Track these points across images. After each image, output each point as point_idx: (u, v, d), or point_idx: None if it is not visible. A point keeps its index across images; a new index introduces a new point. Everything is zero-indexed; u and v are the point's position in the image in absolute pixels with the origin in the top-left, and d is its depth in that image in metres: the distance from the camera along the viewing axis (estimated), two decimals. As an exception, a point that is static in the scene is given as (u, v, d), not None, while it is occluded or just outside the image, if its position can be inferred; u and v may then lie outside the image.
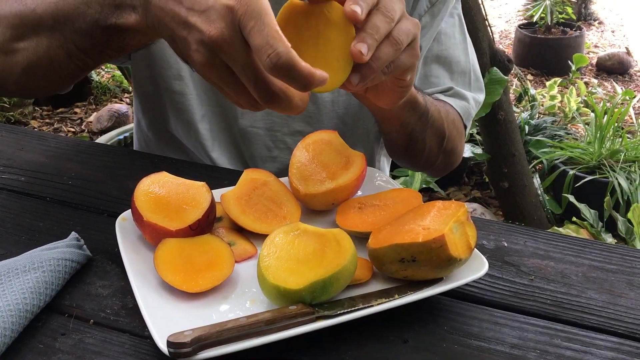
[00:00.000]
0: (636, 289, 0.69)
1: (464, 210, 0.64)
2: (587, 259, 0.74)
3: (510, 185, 2.56)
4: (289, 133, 1.01)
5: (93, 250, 0.71)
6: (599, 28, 5.92)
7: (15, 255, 0.68)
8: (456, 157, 1.05)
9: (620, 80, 4.68)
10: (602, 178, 2.64)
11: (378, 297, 0.62)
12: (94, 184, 0.86)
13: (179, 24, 0.58)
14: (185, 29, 0.57)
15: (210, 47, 0.56)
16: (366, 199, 0.77)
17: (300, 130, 1.01)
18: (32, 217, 0.78)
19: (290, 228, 0.65)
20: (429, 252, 0.60)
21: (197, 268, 0.64)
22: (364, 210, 0.75)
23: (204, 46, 0.56)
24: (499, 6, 6.61)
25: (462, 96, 1.04)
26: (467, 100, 1.04)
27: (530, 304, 0.67)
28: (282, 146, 1.02)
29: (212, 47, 0.56)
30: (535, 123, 3.22)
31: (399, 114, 0.84)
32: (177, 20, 0.58)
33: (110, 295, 0.65)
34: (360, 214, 0.74)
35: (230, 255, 0.66)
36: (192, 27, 0.57)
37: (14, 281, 0.62)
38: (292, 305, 0.59)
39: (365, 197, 0.77)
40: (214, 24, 0.55)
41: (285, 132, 1.01)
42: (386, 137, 0.97)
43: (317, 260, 0.62)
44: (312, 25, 0.63)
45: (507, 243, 0.77)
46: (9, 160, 0.91)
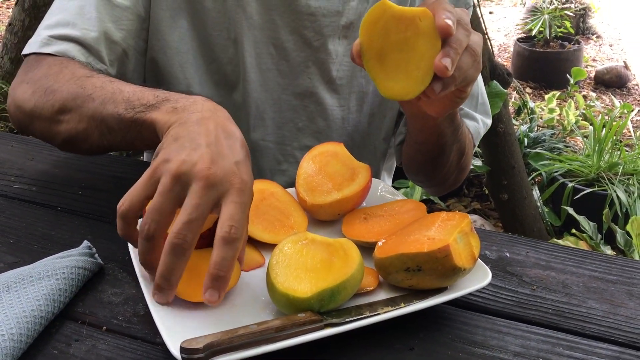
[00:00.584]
0: (635, 299, 0.71)
1: (468, 221, 0.65)
2: (587, 270, 0.76)
3: (510, 198, 2.58)
4: (298, 147, 1.03)
5: (104, 259, 0.72)
6: (597, 42, 5.97)
7: (28, 263, 0.69)
8: (465, 174, 1.08)
9: (618, 94, 4.72)
10: (600, 190, 2.66)
11: (384, 306, 0.63)
12: (103, 193, 0.88)
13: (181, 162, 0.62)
14: (184, 165, 0.61)
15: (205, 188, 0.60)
16: (371, 209, 0.78)
17: (310, 145, 1.03)
18: (44, 226, 0.79)
19: (299, 237, 0.67)
20: (434, 261, 0.62)
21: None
22: (369, 220, 0.77)
23: (201, 188, 0.60)
24: (497, 20, 6.67)
25: (472, 117, 1.06)
26: (476, 121, 1.07)
27: (533, 313, 0.68)
28: (292, 160, 1.04)
29: (207, 185, 0.60)
30: (534, 136, 3.24)
31: (441, 123, 0.87)
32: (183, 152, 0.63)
33: (122, 303, 0.66)
34: (365, 224, 0.76)
35: (237, 268, 0.67)
36: (191, 173, 0.61)
37: (29, 288, 0.63)
38: (301, 313, 0.61)
39: (371, 207, 0.79)
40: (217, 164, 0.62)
41: (295, 147, 1.03)
42: (418, 148, 0.98)
43: (325, 269, 0.63)
44: (402, 30, 0.65)
45: (509, 254, 0.79)
46: (20, 170, 0.93)
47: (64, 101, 0.81)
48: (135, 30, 0.94)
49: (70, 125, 0.81)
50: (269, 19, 0.96)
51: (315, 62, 0.99)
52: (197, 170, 0.60)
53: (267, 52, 0.98)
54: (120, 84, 0.79)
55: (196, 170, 0.60)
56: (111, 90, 0.78)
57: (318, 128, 1.03)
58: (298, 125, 1.02)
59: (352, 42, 0.99)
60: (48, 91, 0.83)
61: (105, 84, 0.80)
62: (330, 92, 1.02)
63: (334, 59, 1.00)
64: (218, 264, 0.58)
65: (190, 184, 0.60)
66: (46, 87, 0.84)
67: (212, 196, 0.60)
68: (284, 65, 0.99)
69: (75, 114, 0.80)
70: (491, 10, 7.06)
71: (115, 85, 0.79)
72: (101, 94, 0.78)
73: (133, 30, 0.93)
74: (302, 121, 1.02)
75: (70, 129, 0.81)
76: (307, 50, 0.99)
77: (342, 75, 1.01)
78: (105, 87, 0.79)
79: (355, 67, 1.02)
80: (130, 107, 0.74)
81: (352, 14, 0.99)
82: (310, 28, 0.97)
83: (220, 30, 0.96)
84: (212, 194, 0.60)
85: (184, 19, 0.96)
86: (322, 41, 0.98)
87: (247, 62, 0.97)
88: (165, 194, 0.60)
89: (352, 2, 0.98)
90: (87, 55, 0.89)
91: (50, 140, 0.87)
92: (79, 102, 0.79)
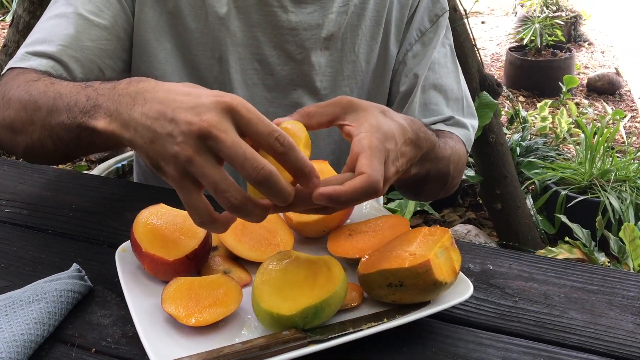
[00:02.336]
0: (616, 309, 0.72)
1: (449, 235, 0.67)
2: (569, 280, 0.77)
3: (504, 207, 2.59)
4: None
5: (94, 281, 0.73)
6: (589, 49, 6.02)
7: (18, 286, 0.70)
8: (457, 183, 1.07)
9: (610, 100, 4.75)
10: (593, 198, 2.67)
11: (368, 321, 0.65)
12: (93, 215, 0.89)
13: (164, 121, 0.58)
14: (172, 124, 0.58)
15: (199, 136, 0.56)
16: (356, 225, 0.80)
17: None
18: (35, 250, 0.80)
19: (283, 255, 0.69)
20: (416, 276, 0.63)
21: (202, 305, 0.66)
22: (354, 236, 0.78)
23: (191, 136, 0.56)
24: (490, 29, 6.71)
25: (462, 124, 1.07)
26: (466, 128, 1.08)
27: (515, 325, 0.69)
28: None
29: (201, 135, 0.56)
30: (526, 144, 3.27)
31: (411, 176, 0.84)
32: (162, 118, 0.59)
33: (111, 324, 0.67)
34: (350, 241, 0.77)
35: (237, 292, 0.68)
36: (179, 121, 0.57)
37: (19, 312, 0.65)
38: (285, 331, 0.62)
39: (355, 224, 0.80)
40: (205, 114, 0.56)
41: None
42: (397, 184, 0.98)
43: (309, 286, 0.65)
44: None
45: (493, 266, 0.80)
46: (11, 194, 0.94)
47: (16, 111, 0.81)
48: (113, 50, 0.96)
49: (26, 135, 0.81)
50: (251, 35, 0.99)
51: (299, 74, 1.02)
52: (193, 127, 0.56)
53: (252, 67, 1.00)
54: (60, 86, 0.77)
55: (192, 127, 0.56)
56: (52, 95, 0.76)
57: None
58: None
59: (334, 53, 1.02)
60: (4, 100, 0.84)
61: (47, 87, 0.78)
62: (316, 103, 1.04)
63: (317, 70, 1.02)
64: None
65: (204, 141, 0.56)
66: (2, 96, 0.85)
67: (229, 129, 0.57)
68: (270, 80, 1.02)
69: (27, 125, 0.80)
70: (483, 19, 7.12)
71: (56, 88, 0.77)
72: (45, 101, 0.76)
73: (111, 50, 0.95)
74: None
75: (26, 140, 0.81)
76: (290, 64, 1.01)
77: (326, 86, 1.04)
78: (47, 91, 0.77)
79: (338, 77, 1.04)
80: (71, 115, 0.72)
81: (331, 26, 1.01)
82: (292, 42, 1.00)
83: (205, 49, 0.98)
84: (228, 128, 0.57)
85: (168, 41, 0.98)
86: (305, 54, 1.01)
87: (233, 79, 0.99)
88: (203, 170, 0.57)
89: (330, 15, 1.01)
90: (60, 72, 0.90)
91: (13, 150, 0.87)
92: (29, 112, 0.79)
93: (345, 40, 1.03)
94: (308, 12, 1.00)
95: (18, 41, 3.02)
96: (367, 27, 1.04)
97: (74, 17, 0.93)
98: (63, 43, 0.91)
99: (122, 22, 0.96)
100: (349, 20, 1.03)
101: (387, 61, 1.08)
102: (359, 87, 1.07)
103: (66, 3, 0.95)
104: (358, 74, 1.06)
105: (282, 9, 0.98)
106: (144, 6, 0.96)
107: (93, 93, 0.70)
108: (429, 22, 1.08)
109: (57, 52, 0.91)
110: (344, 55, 1.04)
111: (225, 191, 0.56)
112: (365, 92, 1.08)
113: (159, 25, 0.97)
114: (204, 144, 0.56)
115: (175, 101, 0.59)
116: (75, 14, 0.93)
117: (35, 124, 0.78)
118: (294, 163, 0.58)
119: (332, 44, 1.03)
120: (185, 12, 0.97)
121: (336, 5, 1.01)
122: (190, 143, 0.56)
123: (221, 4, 0.97)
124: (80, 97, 0.71)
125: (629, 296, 0.75)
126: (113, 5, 0.95)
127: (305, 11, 1.00)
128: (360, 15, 1.03)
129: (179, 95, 0.60)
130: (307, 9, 1.00)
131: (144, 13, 0.96)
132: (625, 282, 0.77)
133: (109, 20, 0.94)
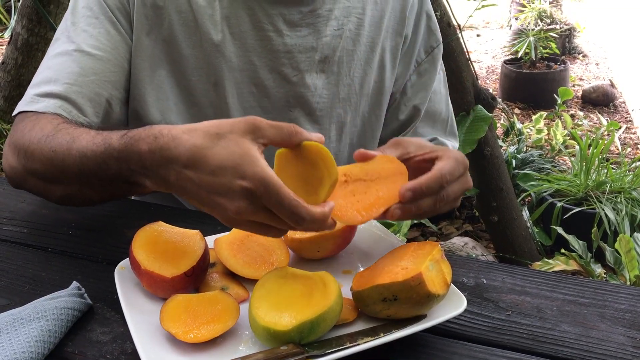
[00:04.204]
0: (607, 321, 0.74)
1: (438, 249, 0.68)
2: (561, 294, 0.79)
3: (500, 219, 2.61)
4: None
5: (93, 298, 0.74)
6: (584, 61, 6.07)
7: (19, 304, 0.71)
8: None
9: (605, 112, 4.79)
10: (589, 209, 2.69)
11: (364, 336, 0.66)
12: (92, 233, 0.90)
13: (203, 203, 0.67)
14: (210, 209, 0.67)
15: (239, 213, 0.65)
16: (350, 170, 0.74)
17: None
18: (35, 268, 0.82)
19: (280, 272, 0.70)
20: (409, 289, 0.65)
21: (200, 321, 0.67)
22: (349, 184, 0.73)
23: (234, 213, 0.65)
24: (485, 42, 6.77)
25: (445, 145, 1.16)
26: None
27: (507, 339, 0.71)
28: None
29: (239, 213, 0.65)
30: (522, 157, 3.28)
31: None
32: (200, 201, 0.67)
33: (111, 341, 0.68)
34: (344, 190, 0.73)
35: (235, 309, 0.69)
36: (216, 207, 0.66)
37: (20, 330, 0.66)
38: (283, 346, 0.63)
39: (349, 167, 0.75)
40: (236, 201, 0.64)
41: None
42: None
43: (305, 302, 0.66)
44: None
45: (486, 280, 0.81)
46: (11, 212, 0.95)
47: (44, 166, 0.83)
48: (118, 82, 0.97)
49: (59, 190, 0.84)
50: (247, 60, 1.00)
51: (295, 96, 1.04)
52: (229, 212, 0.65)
53: (248, 91, 1.02)
54: (80, 141, 0.78)
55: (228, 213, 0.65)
56: (78, 156, 0.78)
57: None
58: None
59: (330, 76, 1.05)
60: (27, 153, 0.85)
61: (70, 145, 0.79)
62: (312, 124, 1.06)
63: (313, 91, 1.04)
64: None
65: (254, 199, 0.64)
66: (21, 147, 0.86)
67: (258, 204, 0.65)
68: (266, 102, 1.03)
69: (61, 183, 0.83)
70: (479, 33, 7.17)
71: (78, 147, 0.78)
72: (73, 162, 0.78)
73: (116, 82, 0.97)
74: None
75: (63, 189, 0.84)
76: (286, 86, 1.03)
77: (322, 107, 1.06)
78: (71, 151, 0.79)
79: (334, 99, 1.07)
80: (105, 177, 0.76)
81: (326, 49, 1.04)
82: (287, 65, 1.02)
83: (200, 75, 1.00)
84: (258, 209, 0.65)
85: (163, 68, 1.00)
86: (300, 76, 1.03)
87: (229, 102, 1.01)
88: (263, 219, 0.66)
89: (325, 38, 1.03)
90: (70, 110, 0.91)
91: (47, 197, 0.88)
92: (59, 170, 0.81)
93: (341, 64, 1.06)
94: (302, 35, 1.02)
95: (16, 58, 3.04)
96: (362, 52, 1.07)
97: (77, 54, 0.94)
98: (69, 81, 0.93)
99: (124, 52, 0.98)
100: (344, 44, 1.05)
101: (383, 86, 1.12)
102: (353, 110, 1.10)
103: (68, 41, 0.96)
104: (352, 97, 1.09)
105: (276, 33, 1.01)
106: (140, 34, 0.98)
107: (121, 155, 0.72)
108: (425, 53, 1.15)
109: (65, 91, 0.92)
110: (340, 79, 1.07)
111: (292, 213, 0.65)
112: (360, 115, 1.11)
113: (154, 53, 0.99)
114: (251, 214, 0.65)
115: (207, 184, 0.65)
116: (77, 51, 0.95)
117: (71, 183, 0.82)
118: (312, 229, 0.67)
119: (328, 67, 1.05)
120: (180, 38, 0.99)
121: (330, 29, 1.04)
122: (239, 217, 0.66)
123: (216, 31, 0.99)
124: (109, 160, 0.74)
125: (620, 309, 0.76)
126: (114, 37, 0.97)
127: (300, 34, 1.02)
128: (356, 40, 1.06)
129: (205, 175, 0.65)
130: (302, 32, 1.02)
131: (140, 41, 0.98)
132: (617, 295, 0.79)
133: (110, 52, 0.96)
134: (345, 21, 1.05)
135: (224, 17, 0.99)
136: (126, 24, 0.98)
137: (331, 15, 1.03)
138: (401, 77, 1.14)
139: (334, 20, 1.04)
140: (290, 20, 1.01)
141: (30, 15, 3.01)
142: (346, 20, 1.05)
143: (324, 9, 1.03)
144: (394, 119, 1.16)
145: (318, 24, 1.03)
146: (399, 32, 1.10)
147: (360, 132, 1.12)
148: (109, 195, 0.82)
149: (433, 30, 1.15)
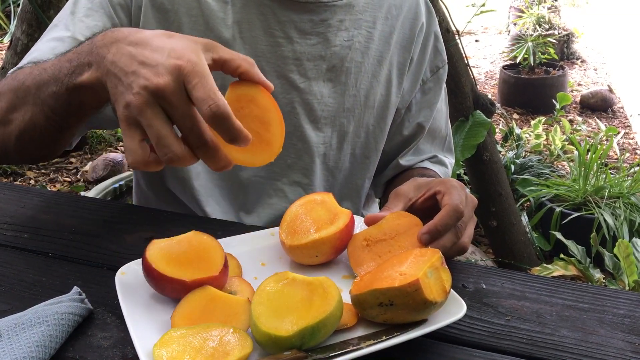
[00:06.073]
0: (606, 326, 0.74)
1: (439, 256, 0.69)
2: (560, 299, 0.79)
3: (499, 224, 2.61)
4: (288, 183, 1.08)
5: (94, 303, 0.75)
6: (582, 66, 6.08)
7: (19, 309, 0.71)
8: None
9: (604, 117, 4.80)
10: (588, 214, 2.70)
11: (367, 340, 0.66)
12: (93, 238, 0.90)
13: (127, 73, 0.66)
14: (133, 76, 0.65)
15: (153, 93, 0.64)
16: (370, 233, 0.80)
17: (298, 180, 1.08)
18: (35, 273, 0.82)
19: (280, 277, 0.70)
20: (405, 296, 0.65)
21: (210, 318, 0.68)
22: (372, 247, 0.79)
23: (146, 90, 0.64)
24: (484, 47, 6.79)
25: (443, 163, 1.21)
26: (446, 166, 1.21)
27: (507, 344, 0.71)
28: (281, 194, 1.09)
29: (154, 92, 0.64)
30: (521, 162, 3.29)
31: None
32: (126, 69, 0.66)
33: (111, 346, 0.69)
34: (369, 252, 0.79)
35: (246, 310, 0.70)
36: (139, 75, 0.65)
37: (21, 335, 0.66)
38: (286, 351, 0.63)
39: (368, 230, 0.81)
40: (161, 76, 0.64)
41: (285, 182, 1.08)
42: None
43: (306, 307, 0.66)
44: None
45: (486, 285, 0.82)
46: (12, 217, 0.95)
47: (7, 100, 0.85)
48: None
49: (18, 120, 0.85)
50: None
51: (301, 102, 1.04)
52: (149, 83, 0.64)
53: None
54: (43, 64, 0.83)
55: (148, 84, 0.64)
56: (37, 73, 0.81)
57: (305, 164, 1.08)
58: (287, 162, 1.07)
59: (337, 85, 1.06)
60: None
61: (32, 69, 0.83)
62: (315, 130, 1.07)
63: (319, 99, 1.05)
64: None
65: (157, 98, 0.64)
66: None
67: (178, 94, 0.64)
68: None
69: (20, 109, 0.84)
70: (477, 38, 7.20)
71: (40, 66, 0.82)
72: (32, 80, 0.82)
73: None
74: (291, 158, 1.07)
75: (19, 124, 0.85)
76: (292, 92, 1.04)
77: (326, 115, 1.07)
78: (32, 72, 0.82)
79: (339, 108, 1.07)
80: (58, 82, 0.77)
81: (334, 58, 1.04)
82: (295, 71, 1.03)
83: None
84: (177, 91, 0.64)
85: None
86: (307, 83, 1.04)
87: None
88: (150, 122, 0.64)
89: (334, 47, 1.04)
90: None
91: (7, 143, 0.89)
92: (20, 95, 0.83)
93: (348, 75, 1.07)
94: (312, 44, 1.03)
95: (16, 63, 3.05)
96: (370, 65, 1.08)
97: (70, 41, 0.95)
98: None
99: None
100: (352, 55, 1.06)
101: (389, 100, 1.12)
102: (356, 121, 1.10)
103: (64, 28, 0.97)
104: (357, 108, 1.09)
105: (287, 40, 1.01)
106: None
107: (74, 55, 0.77)
108: (430, 73, 1.17)
109: None
110: (346, 89, 1.07)
111: (166, 146, 0.64)
112: (364, 127, 1.12)
113: None
114: (157, 100, 0.64)
115: (142, 55, 0.66)
116: (71, 38, 0.95)
117: (27, 103, 0.83)
118: (227, 130, 0.64)
119: (336, 76, 1.06)
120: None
121: (340, 39, 1.05)
122: (144, 96, 0.64)
123: (227, 34, 1.00)
124: (63, 64, 0.77)
125: (619, 314, 0.76)
126: None
127: (310, 42, 1.03)
128: (365, 53, 1.07)
129: (147, 50, 0.67)
130: (311, 40, 1.03)
131: None
132: (615, 300, 0.79)
133: None
134: (356, 33, 1.06)
135: (235, 22, 1.00)
136: (126, 20, 0.99)
137: (342, 25, 1.04)
138: (407, 94, 1.15)
139: (345, 31, 1.05)
140: (301, 28, 1.02)
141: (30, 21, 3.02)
142: (356, 32, 1.06)
143: (335, 19, 1.04)
144: (398, 134, 1.18)
145: (328, 33, 1.03)
146: (407, 49, 1.12)
147: (364, 144, 1.12)
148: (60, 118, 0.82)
149: (439, 50, 1.17)
